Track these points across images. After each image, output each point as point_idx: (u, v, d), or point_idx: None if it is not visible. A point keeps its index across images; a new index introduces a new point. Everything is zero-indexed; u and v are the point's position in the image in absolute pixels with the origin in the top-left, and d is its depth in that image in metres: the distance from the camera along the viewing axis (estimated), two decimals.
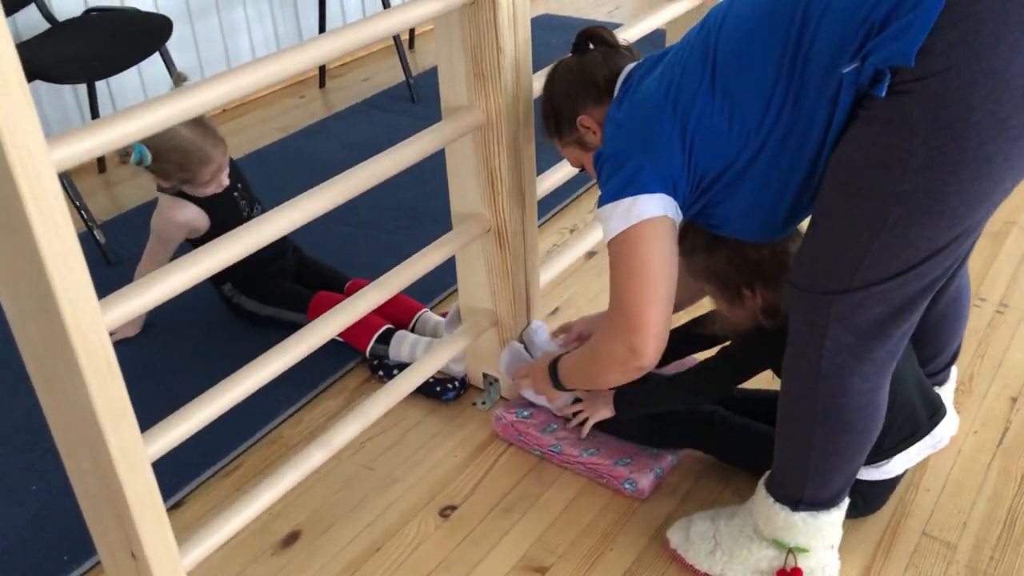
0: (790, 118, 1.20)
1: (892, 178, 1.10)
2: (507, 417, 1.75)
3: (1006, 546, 1.51)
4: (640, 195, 1.30)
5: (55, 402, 1.11)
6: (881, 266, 1.18)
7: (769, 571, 1.41)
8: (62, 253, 0.97)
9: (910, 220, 1.13)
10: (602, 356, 1.44)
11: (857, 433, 1.31)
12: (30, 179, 0.92)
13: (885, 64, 1.06)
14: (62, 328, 1.00)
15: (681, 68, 1.30)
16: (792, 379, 1.33)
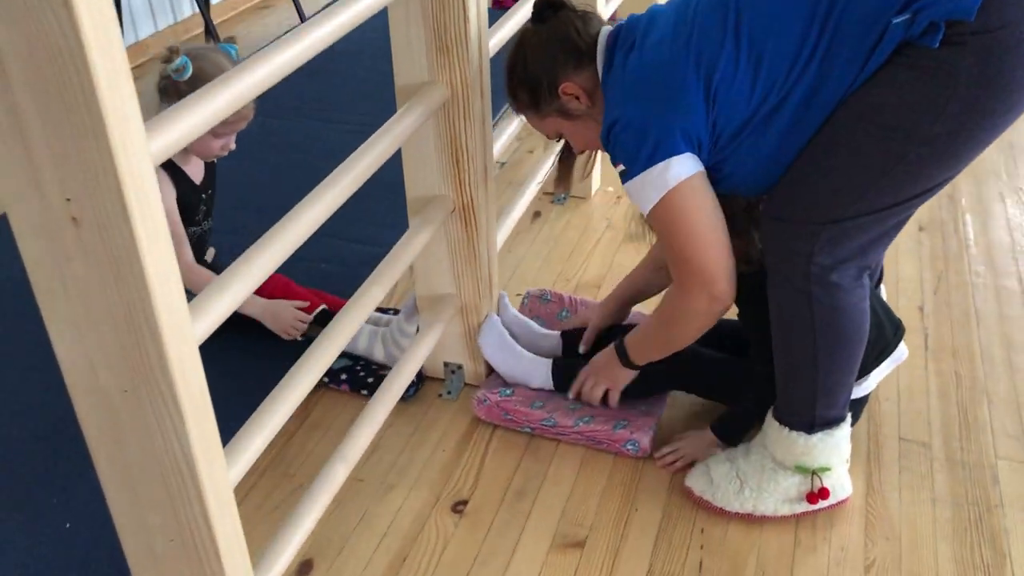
0: (819, 70, 1.24)
1: (925, 120, 1.19)
2: (491, 398, 1.70)
3: (969, 434, 1.68)
4: (670, 158, 1.30)
5: (121, 455, 0.95)
6: (880, 198, 1.27)
7: (799, 496, 1.48)
8: (166, 278, 0.83)
9: (929, 159, 1.23)
10: (684, 315, 1.45)
11: (854, 344, 1.40)
12: (136, 183, 0.77)
13: (944, 17, 1.13)
14: (160, 360, 0.85)
15: (697, 23, 1.30)
16: (784, 309, 1.39)
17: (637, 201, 1.37)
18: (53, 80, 0.72)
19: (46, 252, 0.82)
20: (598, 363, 1.68)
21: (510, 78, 1.52)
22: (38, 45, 0.70)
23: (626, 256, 2.25)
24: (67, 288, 0.84)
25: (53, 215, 0.79)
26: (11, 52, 0.71)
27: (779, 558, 1.45)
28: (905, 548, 1.46)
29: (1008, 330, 1.96)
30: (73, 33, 0.69)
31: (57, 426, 1.70)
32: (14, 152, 0.77)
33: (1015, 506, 1.53)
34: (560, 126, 1.52)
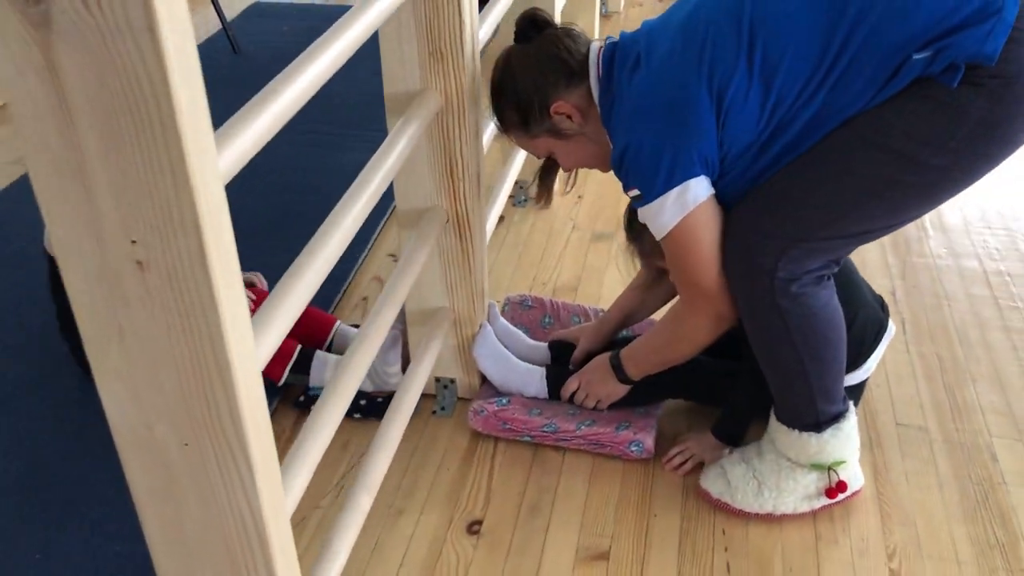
0: (829, 96, 1.23)
1: (927, 151, 1.21)
2: (488, 408, 1.66)
3: (961, 415, 1.72)
4: (687, 181, 1.29)
5: (175, 515, 0.87)
6: (857, 222, 1.29)
7: (817, 493, 1.49)
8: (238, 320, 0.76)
9: (916, 190, 1.26)
10: (688, 332, 1.45)
11: (835, 341, 1.40)
12: (210, 204, 0.70)
13: (966, 60, 1.15)
14: (231, 410, 0.78)
15: (709, 40, 1.26)
16: (759, 325, 1.39)
17: (653, 225, 1.35)
18: (125, 112, 0.64)
19: (102, 299, 0.74)
20: (591, 375, 1.65)
21: (497, 99, 1.48)
22: (111, 74, 0.63)
23: (597, 257, 2.23)
24: (124, 337, 0.76)
25: (113, 259, 0.71)
26: (78, 83, 0.63)
27: (804, 554, 1.45)
28: (922, 533, 1.48)
29: (978, 309, 2.01)
30: (156, 60, 0.61)
31: (26, 477, 1.58)
32: (71, 193, 0.69)
33: (1017, 483, 1.57)
34: (552, 146, 1.49)
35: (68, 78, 0.64)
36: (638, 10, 3.99)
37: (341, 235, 1.08)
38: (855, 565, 1.43)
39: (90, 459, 1.61)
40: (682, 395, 1.72)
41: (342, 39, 1.00)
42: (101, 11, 0.60)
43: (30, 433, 1.68)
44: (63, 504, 1.53)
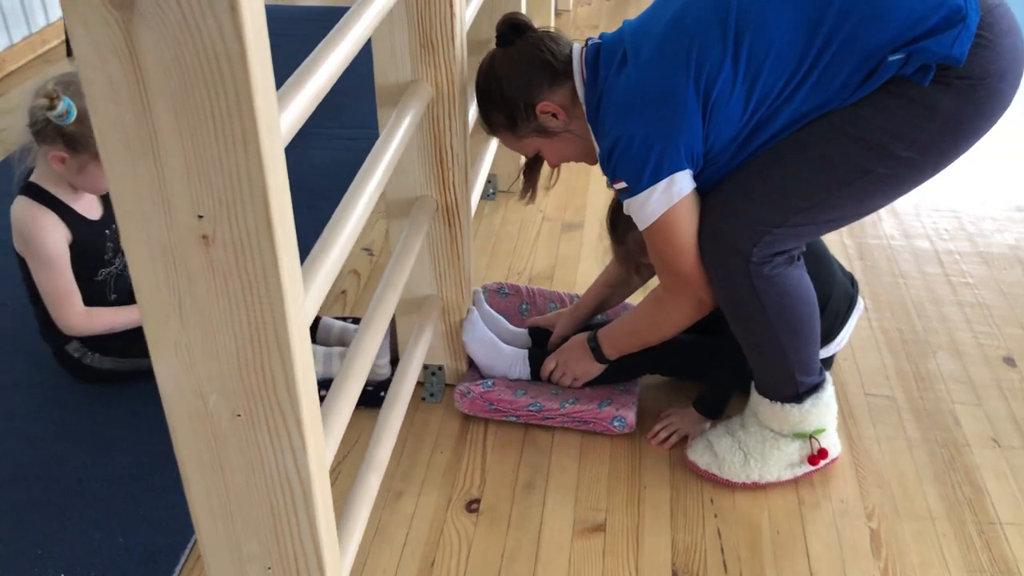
0: (808, 93, 1.31)
1: (898, 144, 1.30)
2: (474, 390, 1.70)
3: (924, 383, 1.82)
4: (674, 174, 1.35)
5: (221, 482, 0.90)
6: (829, 210, 1.37)
7: (800, 460, 1.56)
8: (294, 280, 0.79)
9: (885, 181, 1.34)
10: (668, 317, 1.52)
11: (809, 316, 1.48)
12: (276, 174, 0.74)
13: (937, 61, 1.24)
14: (287, 380, 0.81)
15: (696, 38, 1.32)
16: (735, 305, 1.46)
17: (638, 216, 1.40)
18: (201, 90, 0.67)
19: (164, 274, 0.77)
20: (569, 355, 1.71)
21: (483, 102, 1.54)
22: (190, 52, 0.66)
23: (569, 245, 2.29)
24: (183, 311, 0.79)
25: (180, 234, 0.74)
26: (156, 62, 0.67)
27: (789, 517, 1.53)
28: (897, 493, 1.57)
29: (932, 285, 2.13)
30: (236, 38, 0.65)
31: (19, 477, 1.58)
32: (142, 170, 0.72)
33: (978, 444, 1.67)
34: (539, 145, 1.55)
35: (147, 58, 0.67)
36: (586, 9, 4.07)
37: (352, 227, 1.10)
38: (837, 525, 1.51)
39: (81, 458, 1.62)
40: (658, 371, 1.79)
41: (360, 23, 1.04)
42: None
43: (18, 433, 1.67)
44: (58, 503, 1.52)
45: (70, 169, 1.59)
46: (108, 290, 1.75)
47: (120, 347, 1.75)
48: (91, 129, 1.51)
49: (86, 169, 1.59)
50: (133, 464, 1.60)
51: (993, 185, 2.56)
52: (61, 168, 1.59)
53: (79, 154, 1.57)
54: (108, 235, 1.73)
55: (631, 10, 4.02)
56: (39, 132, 1.56)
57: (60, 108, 1.49)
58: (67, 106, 1.50)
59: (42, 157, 1.61)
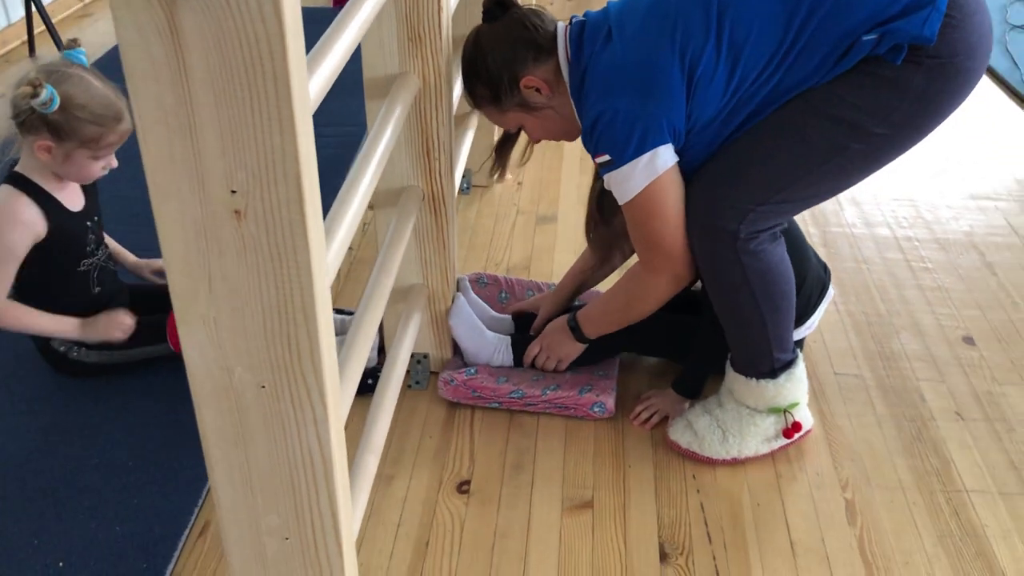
0: (787, 73, 1.37)
1: (871, 121, 1.37)
2: (457, 378, 1.74)
3: (889, 362, 1.90)
4: (657, 148, 1.40)
5: (243, 456, 0.93)
6: (809, 187, 1.44)
7: (776, 434, 1.63)
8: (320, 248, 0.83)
9: (861, 157, 1.41)
10: (646, 292, 1.56)
11: (788, 293, 1.54)
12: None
13: (908, 41, 1.31)
14: (312, 352, 0.85)
15: (681, 18, 1.37)
16: (721, 280, 1.51)
17: (619, 189, 1.45)
18: (240, 68, 0.71)
19: (196, 249, 0.80)
20: (550, 337, 1.76)
21: (468, 76, 1.58)
22: (230, 32, 0.69)
23: (544, 238, 2.34)
24: (212, 285, 0.82)
25: (212, 209, 0.78)
26: (197, 43, 0.70)
27: (768, 490, 1.59)
28: (869, 466, 1.64)
29: (893, 270, 2.21)
30: (275, 19, 0.68)
31: (8, 471, 1.58)
32: (178, 147, 0.75)
33: (943, 417, 1.76)
34: (521, 119, 1.59)
35: (188, 39, 0.70)
36: (549, 8, 4.12)
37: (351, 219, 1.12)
38: (814, 497, 1.58)
39: (72, 449, 1.62)
40: (638, 350, 1.84)
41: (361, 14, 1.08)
42: None
43: (7, 427, 1.67)
44: (52, 493, 1.53)
45: (56, 158, 1.59)
46: (92, 282, 1.75)
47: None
48: (75, 117, 1.56)
49: (72, 157, 1.59)
50: (126, 455, 1.61)
51: (948, 176, 2.66)
52: (47, 158, 1.59)
53: (64, 142, 1.57)
54: (90, 227, 1.73)
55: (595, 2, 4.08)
56: (23, 123, 1.56)
57: (43, 96, 1.50)
58: (50, 94, 1.51)
59: (27, 148, 1.61)
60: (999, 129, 2.97)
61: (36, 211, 1.63)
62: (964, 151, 2.80)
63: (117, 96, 1.61)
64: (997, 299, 2.11)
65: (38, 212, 1.63)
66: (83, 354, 1.76)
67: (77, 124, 1.55)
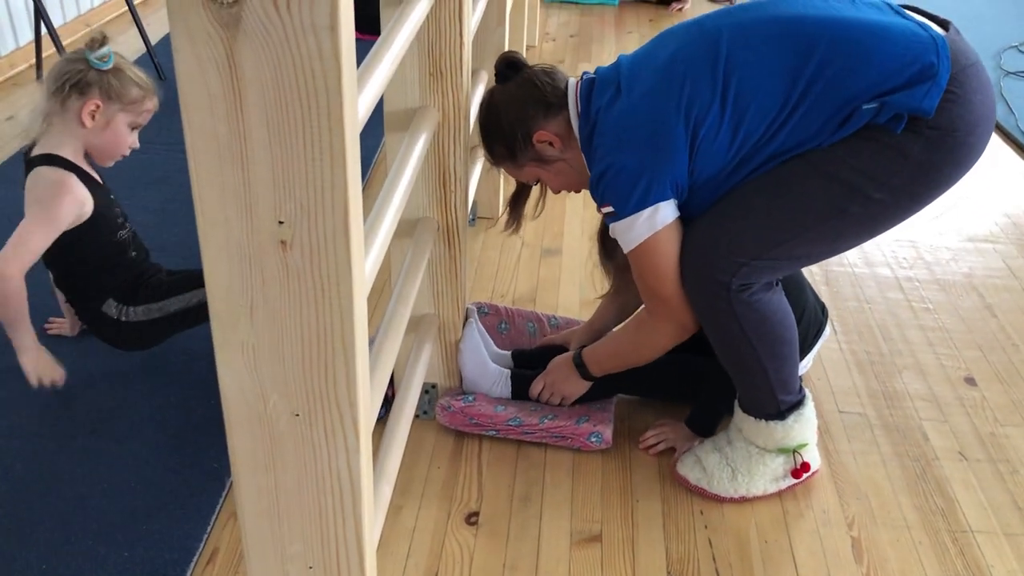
0: (788, 136, 1.41)
1: (871, 185, 1.40)
2: (455, 404, 1.75)
3: (892, 401, 1.92)
4: (659, 203, 1.44)
5: (271, 483, 0.93)
6: (803, 245, 1.46)
7: (784, 474, 1.64)
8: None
9: (859, 220, 1.44)
10: (652, 339, 1.60)
11: (788, 337, 1.56)
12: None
13: (907, 111, 1.34)
14: (348, 381, 0.86)
15: (689, 78, 1.40)
16: (716, 328, 1.53)
17: (623, 238, 1.49)
18: (295, 102, 0.73)
19: (240, 277, 0.81)
20: (554, 374, 1.77)
21: (485, 135, 1.64)
22: (288, 68, 0.71)
23: (549, 270, 2.36)
24: (253, 313, 0.83)
25: (259, 239, 0.79)
26: (254, 77, 0.72)
27: (775, 527, 1.60)
28: (874, 504, 1.66)
29: (894, 310, 2.24)
30: (333, 57, 0.70)
31: (17, 493, 1.58)
32: (229, 177, 0.76)
33: (947, 457, 1.77)
34: (538, 173, 1.64)
35: (246, 73, 0.72)
36: (551, 44, 4.18)
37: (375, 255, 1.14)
38: (821, 534, 1.59)
39: (77, 474, 1.62)
40: (643, 391, 1.86)
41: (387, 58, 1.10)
42: (289, 12, 0.69)
43: (16, 450, 1.66)
44: (60, 517, 1.53)
45: (98, 124, 1.70)
46: (128, 248, 1.84)
47: (148, 295, 1.83)
48: (125, 75, 1.70)
49: (112, 123, 1.71)
50: (134, 480, 1.61)
51: (947, 218, 2.70)
52: (90, 124, 1.69)
53: (112, 103, 1.69)
54: (114, 199, 1.83)
55: (594, 47, 4.15)
56: (75, 84, 1.66)
57: (104, 49, 1.65)
58: (109, 50, 1.66)
59: (63, 123, 1.69)
60: (996, 173, 3.02)
61: (84, 188, 1.72)
62: (962, 194, 2.84)
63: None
64: (997, 340, 2.13)
65: (85, 189, 1.72)
66: (131, 314, 1.82)
67: (126, 83, 1.70)
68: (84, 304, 1.83)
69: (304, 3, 0.69)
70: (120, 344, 1.87)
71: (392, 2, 1.39)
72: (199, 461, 1.65)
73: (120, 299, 1.81)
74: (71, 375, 1.78)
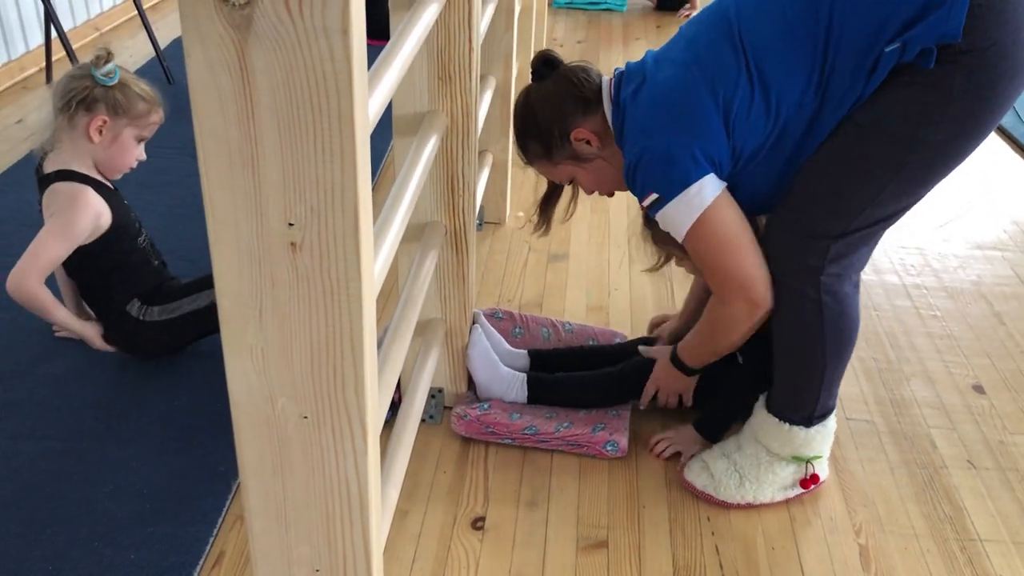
0: (822, 98, 1.37)
1: (925, 129, 1.34)
2: (471, 413, 1.75)
3: (900, 408, 1.92)
4: (701, 179, 1.41)
5: (279, 486, 0.93)
6: (884, 207, 1.42)
7: (793, 483, 1.63)
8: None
9: (927, 165, 1.38)
10: (728, 324, 1.54)
11: (854, 341, 1.55)
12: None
13: (934, 42, 1.28)
14: (356, 383, 0.86)
15: (711, 61, 1.39)
16: (794, 317, 1.51)
17: (672, 225, 1.46)
18: (306, 105, 0.73)
19: (249, 279, 0.81)
20: (662, 377, 1.77)
21: (520, 133, 1.62)
22: (299, 72, 0.71)
23: (556, 276, 2.35)
24: (262, 317, 0.83)
25: (269, 241, 0.79)
26: (265, 80, 0.72)
27: (782, 534, 1.59)
28: (882, 512, 1.65)
29: (902, 318, 2.23)
30: (344, 59, 0.71)
31: (24, 496, 1.58)
32: (240, 180, 0.76)
33: (955, 465, 1.76)
34: (573, 172, 1.62)
35: (257, 76, 0.72)
36: (559, 50, 4.18)
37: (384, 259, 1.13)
38: (828, 541, 1.58)
39: (84, 477, 1.62)
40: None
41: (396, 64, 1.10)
42: (301, 15, 0.69)
43: (17, 454, 1.67)
44: (67, 519, 1.53)
45: (105, 139, 1.72)
46: (151, 255, 1.87)
47: (164, 295, 1.86)
48: (130, 90, 1.70)
49: (120, 138, 1.73)
50: (141, 483, 1.61)
51: (954, 225, 2.70)
52: (98, 139, 1.70)
53: (118, 118, 1.71)
54: (128, 205, 1.86)
55: (601, 52, 4.15)
56: (81, 101, 1.68)
57: (110, 65, 1.66)
58: (114, 65, 1.67)
59: (71, 139, 1.71)
60: (1003, 180, 3.01)
61: (102, 201, 1.75)
62: (969, 202, 2.84)
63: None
64: (1006, 348, 2.13)
65: (102, 202, 1.75)
66: (151, 313, 1.85)
67: (132, 98, 1.71)
68: (108, 306, 1.85)
69: (316, 6, 0.69)
70: (137, 349, 1.89)
71: (402, 6, 1.39)
72: (205, 464, 1.65)
73: (143, 299, 1.85)
74: (79, 378, 1.79)
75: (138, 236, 1.85)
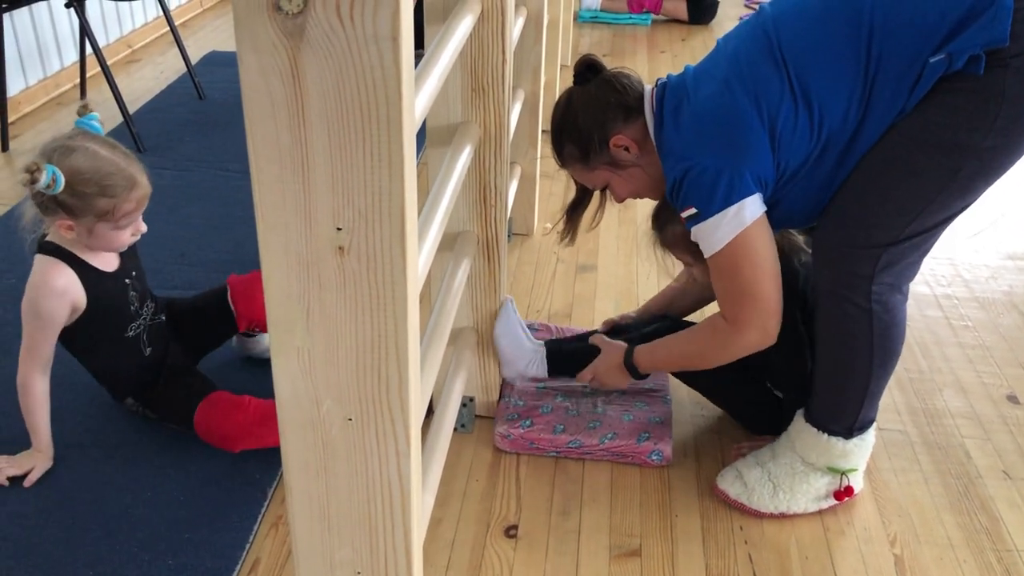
0: (866, 110, 1.37)
1: (976, 136, 1.32)
2: (514, 432, 1.76)
3: (933, 419, 1.90)
4: (744, 199, 1.41)
5: (322, 488, 0.95)
6: (935, 215, 1.41)
7: (827, 495, 1.62)
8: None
9: (980, 171, 1.37)
10: (728, 346, 1.53)
11: (898, 355, 1.54)
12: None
13: (982, 48, 1.27)
14: (400, 386, 0.87)
15: (754, 76, 1.39)
16: (842, 328, 1.50)
17: (707, 241, 1.45)
18: (356, 111, 0.74)
19: (297, 282, 0.83)
20: (603, 371, 1.76)
21: (558, 135, 1.62)
22: (350, 78, 0.73)
23: (585, 286, 2.36)
24: (310, 319, 0.85)
25: (317, 245, 0.81)
26: (317, 86, 0.74)
27: (816, 544, 1.59)
28: (917, 522, 1.64)
29: (933, 328, 2.22)
30: (394, 66, 0.72)
31: (63, 503, 1.61)
32: (290, 185, 0.78)
33: (990, 476, 1.75)
34: (608, 178, 1.62)
35: (308, 82, 0.74)
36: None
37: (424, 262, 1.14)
38: (863, 552, 1.58)
39: (122, 483, 1.64)
40: (709, 396, 1.87)
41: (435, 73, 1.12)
42: (353, 23, 0.71)
43: (58, 461, 1.69)
44: (105, 525, 1.55)
45: (80, 235, 1.58)
46: (142, 345, 1.73)
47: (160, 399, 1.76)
48: (83, 192, 1.54)
49: (94, 231, 1.57)
50: (178, 490, 1.63)
51: (985, 236, 2.68)
52: (71, 235, 1.57)
53: (81, 218, 1.55)
54: (129, 284, 1.71)
55: (627, 65, 4.15)
56: (40, 205, 1.55)
57: (43, 180, 1.46)
58: (50, 175, 1.47)
59: (52, 225, 1.59)
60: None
61: (72, 277, 1.59)
62: (1000, 211, 2.82)
63: (129, 162, 1.58)
64: None
65: (74, 279, 1.60)
66: (149, 413, 1.79)
67: (88, 199, 1.53)
68: (112, 395, 1.80)
69: (367, 14, 0.70)
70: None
71: (437, 19, 1.42)
72: (241, 471, 1.67)
73: (141, 400, 1.77)
74: None
75: (130, 322, 1.70)
